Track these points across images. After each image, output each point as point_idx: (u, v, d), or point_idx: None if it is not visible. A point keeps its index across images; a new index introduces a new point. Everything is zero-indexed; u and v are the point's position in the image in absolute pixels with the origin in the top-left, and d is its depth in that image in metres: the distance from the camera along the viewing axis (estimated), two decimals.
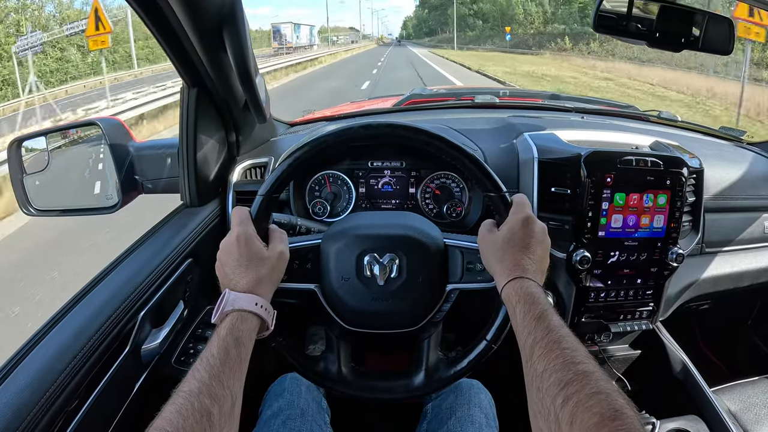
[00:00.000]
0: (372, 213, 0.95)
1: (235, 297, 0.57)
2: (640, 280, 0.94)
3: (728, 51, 0.92)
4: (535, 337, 0.52)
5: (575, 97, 1.51)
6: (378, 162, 0.99)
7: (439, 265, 0.69)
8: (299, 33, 40.31)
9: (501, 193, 0.65)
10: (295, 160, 0.64)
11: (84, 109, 8.94)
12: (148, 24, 0.68)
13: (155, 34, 0.71)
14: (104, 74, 12.95)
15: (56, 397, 0.55)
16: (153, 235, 0.86)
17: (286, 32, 37.27)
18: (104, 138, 0.91)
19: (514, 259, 0.61)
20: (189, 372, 0.49)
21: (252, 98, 0.81)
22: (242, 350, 0.53)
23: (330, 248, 0.68)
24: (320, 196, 0.99)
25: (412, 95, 1.40)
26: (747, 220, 1.07)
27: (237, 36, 0.70)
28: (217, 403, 0.46)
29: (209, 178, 0.94)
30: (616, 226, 0.89)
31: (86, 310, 0.66)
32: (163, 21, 0.68)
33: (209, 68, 0.77)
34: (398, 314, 0.68)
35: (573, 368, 0.46)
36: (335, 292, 0.68)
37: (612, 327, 0.97)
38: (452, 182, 0.99)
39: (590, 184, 0.87)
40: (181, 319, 0.82)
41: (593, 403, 0.42)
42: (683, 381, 0.99)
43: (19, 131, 7.72)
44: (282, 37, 36.93)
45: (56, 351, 0.59)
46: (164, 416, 0.43)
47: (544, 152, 0.92)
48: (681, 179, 0.89)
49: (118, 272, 0.76)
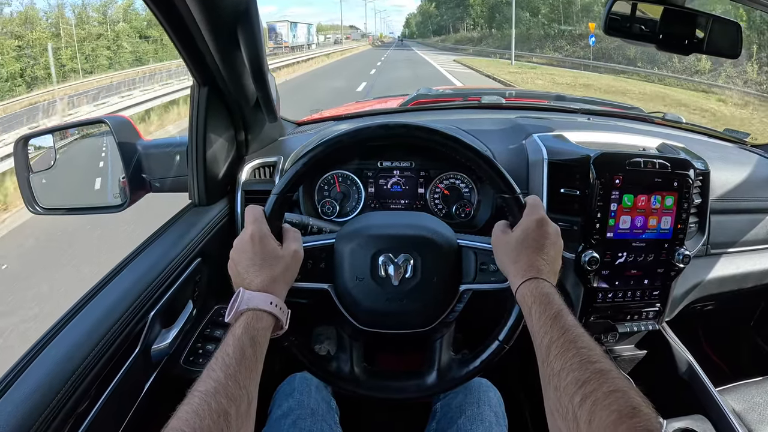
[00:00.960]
0: (385, 213, 0.95)
1: (249, 296, 0.57)
2: (647, 281, 0.94)
3: (736, 54, 0.93)
4: (552, 336, 0.52)
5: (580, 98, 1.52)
6: (387, 162, 0.99)
7: (453, 265, 0.69)
8: (296, 32, 38.59)
9: (515, 195, 0.65)
10: (310, 160, 0.64)
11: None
12: (163, 22, 0.68)
13: (168, 32, 0.70)
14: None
15: (68, 398, 0.55)
16: (162, 234, 0.86)
17: (282, 31, 35.66)
18: (112, 136, 0.90)
19: (528, 259, 0.61)
20: (204, 371, 0.49)
21: (264, 96, 0.81)
22: (258, 349, 0.53)
23: (344, 248, 0.68)
24: (329, 196, 0.99)
25: (418, 95, 1.40)
26: (751, 222, 1.08)
27: (252, 33, 0.70)
28: (234, 403, 0.46)
29: (218, 177, 0.94)
30: (624, 227, 0.90)
31: (97, 310, 0.66)
32: (177, 19, 0.67)
33: (222, 66, 0.76)
34: (412, 314, 0.68)
35: (590, 367, 0.47)
36: (349, 291, 0.68)
37: (619, 327, 0.97)
38: (461, 183, 0.99)
39: (599, 185, 0.87)
40: (190, 318, 0.82)
41: (611, 401, 0.42)
42: (689, 381, 1.00)
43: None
44: (278, 36, 35.22)
45: (68, 351, 0.59)
46: (180, 416, 0.43)
47: (554, 153, 0.92)
48: (688, 181, 0.90)
49: (128, 272, 0.76)
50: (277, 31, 35.28)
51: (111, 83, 13.35)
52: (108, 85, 12.58)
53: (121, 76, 15.03)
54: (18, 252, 3.77)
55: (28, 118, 8.66)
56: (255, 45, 0.71)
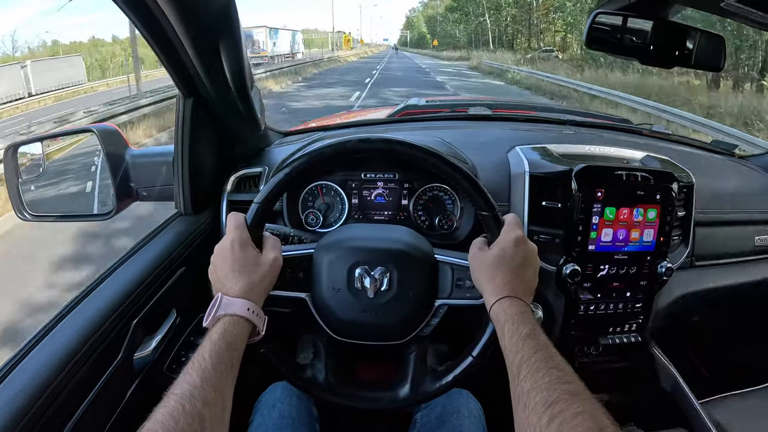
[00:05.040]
0: (365, 225, 0.95)
1: (227, 301, 0.58)
2: (630, 294, 0.95)
3: (720, 67, 0.94)
4: (523, 355, 0.53)
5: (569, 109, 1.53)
6: (371, 173, 0.99)
7: (429, 280, 0.70)
8: (277, 39, 33.60)
9: (494, 213, 0.66)
10: (293, 170, 0.65)
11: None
12: (145, 35, 0.69)
13: (151, 44, 0.71)
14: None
15: (49, 404, 0.55)
16: (148, 243, 0.87)
17: (260, 38, 30.57)
18: (100, 145, 0.91)
19: (504, 278, 0.62)
20: (180, 375, 0.50)
21: (247, 109, 0.82)
22: (234, 355, 0.54)
23: (322, 258, 0.69)
24: (313, 207, 1.00)
25: (406, 106, 1.41)
26: (737, 234, 1.08)
27: (233, 48, 0.71)
28: (209, 407, 0.47)
29: (204, 186, 0.95)
30: (606, 240, 0.90)
31: (81, 317, 0.67)
32: (159, 31, 0.68)
33: (205, 79, 0.77)
34: (387, 327, 0.69)
35: (559, 387, 0.47)
36: (325, 302, 0.69)
37: (601, 339, 0.98)
38: (444, 195, 1.00)
39: (581, 198, 0.87)
40: (173, 327, 0.83)
41: (578, 422, 0.43)
42: (672, 393, 1.00)
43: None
44: (255, 44, 30.12)
45: (50, 357, 0.59)
46: (156, 419, 0.44)
47: (536, 166, 0.92)
48: (671, 194, 0.90)
49: (113, 279, 0.76)
50: (254, 38, 30.22)
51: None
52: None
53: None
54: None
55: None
56: (237, 60, 0.72)
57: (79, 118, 7.19)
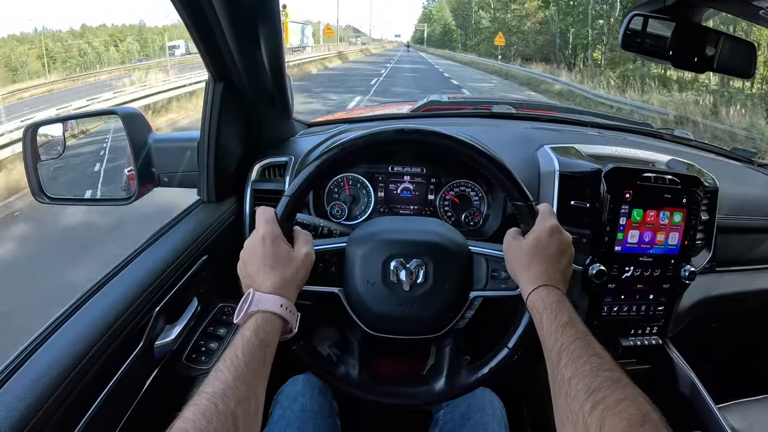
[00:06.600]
0: (398, 218, 0.94)
1: (260, 298, 0.56)
2: (653, 296, 0.95)
3: (749, 75, 0.94)
4: (562, 343, 0.53)
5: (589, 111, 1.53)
6: (398, 167, 0.98)
7: (464, 272, 0.69)
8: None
9: (528, 202, 0.66)
10: (324, 162, 0.64)
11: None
12: (183, 16, 0.67)
13: (188, 25, 0.70)
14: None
15: (70, 391, 0.54)
16: (170, 230, 0.85)
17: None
18: (123, 127, 0.90)
19: (540, 267, 0.61)
20: (211, 373, 0.48)
21: (281, 94, 0.80)
22: (267, 352, 0.53)
23: (356, 252, 0.68)
24: (339, 199, 0.99)
25: (430, 102, 1.40)
26: (757, 241, 1.08)
27: (272, 30, 0.70)
28: (242, 406, 0.45)
29: (228, 174, 0.93)
30: (633, 242, 0.90)
31: (102, 303, 0.65)
32: (198, 13, 0.67)
33: (239, 62, 0.76)
34: (422, 320, 0.68)
35: (601, 374, 0.47)
36: (359, 296, 0.67)
37: (622, 341, 0.97)
38: (472, 191, 0.99)
39: (609, 199, 0.87)
40: (194, 316, 0.82)
41: (621, 408, 0.43)
42: (690, 397, 1.00)
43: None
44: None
45: (71, 343, 0.58)
46: (187, 417, 0.42)
47: (565, 165, 0.92)
48: (697, 198, 0.90)
49: (135, 265, 0.75)
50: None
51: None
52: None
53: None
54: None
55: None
56: (275, 42, 0.71)
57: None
